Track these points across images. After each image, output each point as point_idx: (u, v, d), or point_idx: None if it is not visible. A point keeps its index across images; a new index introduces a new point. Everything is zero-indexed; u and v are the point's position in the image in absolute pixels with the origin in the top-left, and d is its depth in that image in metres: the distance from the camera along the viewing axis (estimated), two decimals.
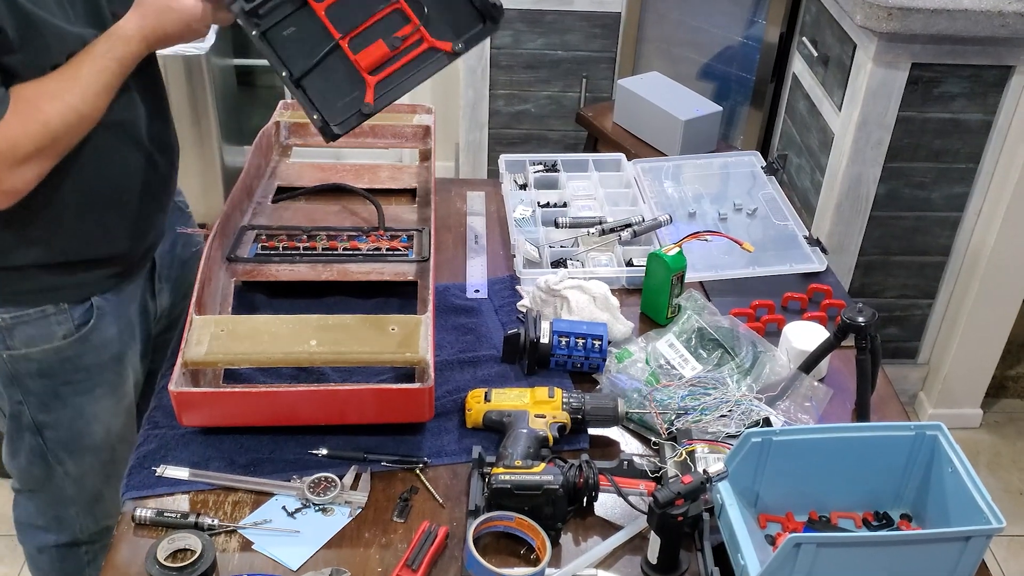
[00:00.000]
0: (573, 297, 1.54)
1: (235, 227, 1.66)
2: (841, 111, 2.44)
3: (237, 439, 1.34)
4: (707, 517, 1.20)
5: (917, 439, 1.21)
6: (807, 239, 1.84)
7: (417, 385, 1.30)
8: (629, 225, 1.77)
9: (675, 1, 3.06)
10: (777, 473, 1.22)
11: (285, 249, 1.62)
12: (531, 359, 1.47)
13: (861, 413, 1.42)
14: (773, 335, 1.56)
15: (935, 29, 2.18)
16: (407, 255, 1.62)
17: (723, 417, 1.37)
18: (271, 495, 1.27)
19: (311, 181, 1.87)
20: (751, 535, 1.11)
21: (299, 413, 1.32)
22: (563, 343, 1.46)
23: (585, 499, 1.24)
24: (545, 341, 1.46)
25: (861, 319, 1.37)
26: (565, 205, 1.90)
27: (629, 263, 1.72)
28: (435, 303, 1.45)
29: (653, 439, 1.37)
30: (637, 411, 1.38)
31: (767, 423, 1.36)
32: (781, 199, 1.95)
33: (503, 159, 2.03)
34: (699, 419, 1.36)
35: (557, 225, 1.80)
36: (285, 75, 1.40)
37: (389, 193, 1.87)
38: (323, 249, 1.62)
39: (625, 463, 1.27)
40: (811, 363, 1.45)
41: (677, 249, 1.58)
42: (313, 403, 1.31)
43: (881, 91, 2.31)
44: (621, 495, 1.23)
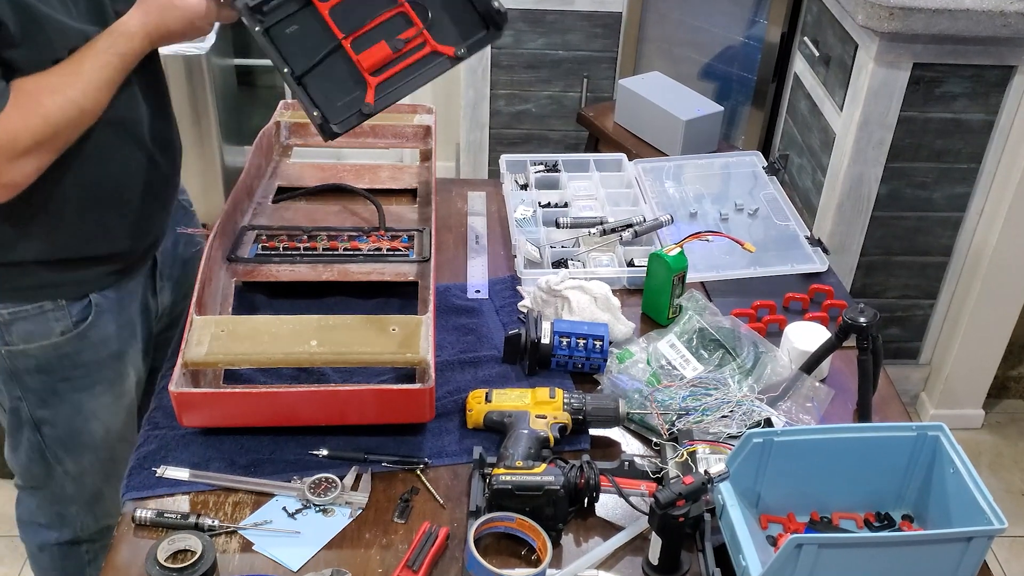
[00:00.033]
0: (574, 297, 1.54)
1: (235, 227, 1.66)
2: (843, 111, 2.44)
3: (237, 440, 1.34)
4: (708, 518, 1.20)
5: (919, 440, 1.21)
6: (808, 239, 1.83)
7: (418, 386, 1.30)
8: (630, 225, 1.77)
9: (676, 1, 3.05)
10: (778, 474, 1.22)
11: (285, 249, 1.61)
12: (532, 359, 1.47)
13: (863, 414, 1.42)
14: (774, 335, 1.56)
15: (937, 29, 2.17)
16: (408, 255, 1.62)
17: (724, 418, 1.37)
18: (271, 496, 1.27)
19: (312, 181, 1.86)
20: (752, 536, 1.11)
21: (299, 414, 1.32)
22: (564, 343, 1.46)
23: (586, 500, 1.24)
24: (546, 341, 1.46)
25: (863, 319, 1.37)
26: (566, 205, 1.89)
27: (630, 263, 1.72)
28: (436, 303, 1.44)
29: (654, 440, 1.37)
30: (638, 412, 1.38)
31: (768, 424, 1.36)
32: (782, 199, 1.95)
33: (504, 159, 2.02)
34: (700, 420, 1.36)
35: (558, 225, 1.80)
36: (286, 72, 1.40)
37: (390, 193, 1.86)
38: (324, 249, 1.62)
39: (626, 464, 1.27)
40: (812, 363, 1.45)
41: (678, 249, 1.58)
42: (313, 404, 1.30)
43: (883, 91, 2.30)
44: (622, 496, 1.23)
